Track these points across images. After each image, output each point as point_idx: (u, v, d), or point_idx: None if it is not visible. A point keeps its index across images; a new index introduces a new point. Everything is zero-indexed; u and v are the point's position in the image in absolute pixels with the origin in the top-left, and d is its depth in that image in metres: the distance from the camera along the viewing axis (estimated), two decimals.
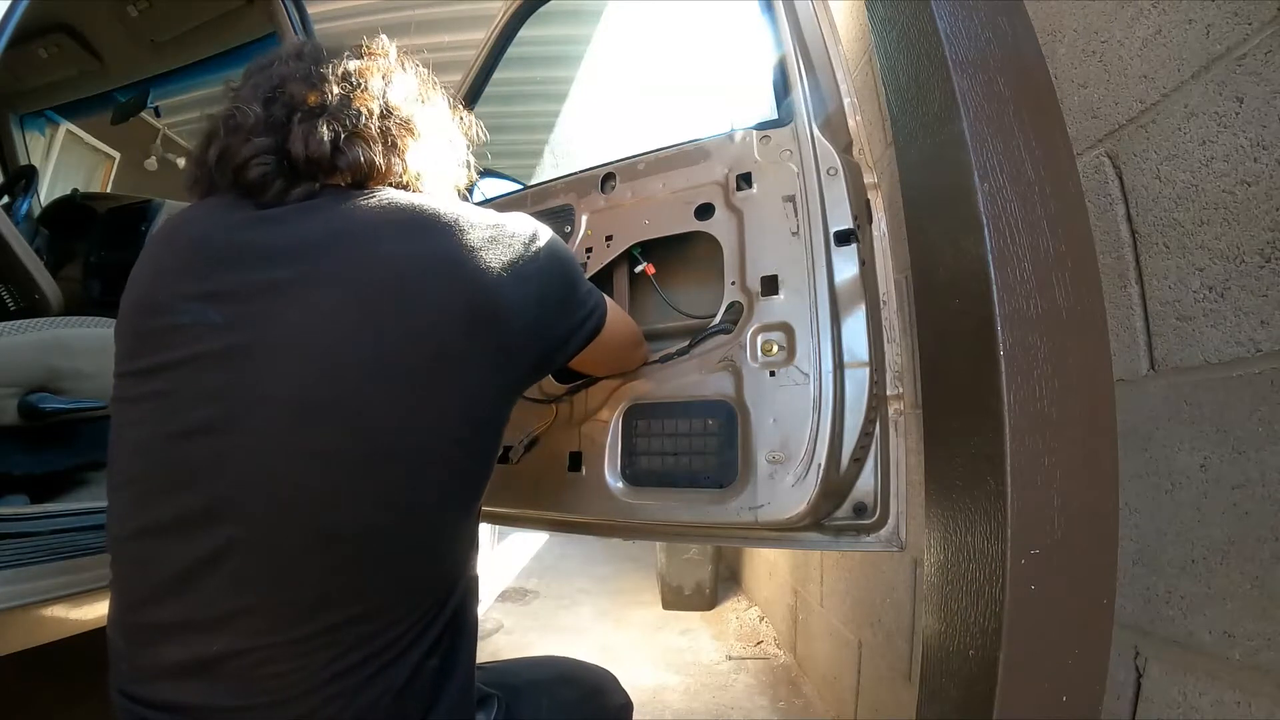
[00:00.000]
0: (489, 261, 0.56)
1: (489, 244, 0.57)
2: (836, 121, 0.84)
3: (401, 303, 0.52)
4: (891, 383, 0.80)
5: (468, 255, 0.55)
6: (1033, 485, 0.56)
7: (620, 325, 0.79)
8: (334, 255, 0.54)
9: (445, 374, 0.53)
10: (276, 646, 0.50)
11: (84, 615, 0.95)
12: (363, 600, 0.51)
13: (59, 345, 1.13)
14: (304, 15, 1.69)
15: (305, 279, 0.53)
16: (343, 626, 0.50)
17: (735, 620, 2.64)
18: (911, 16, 0.68)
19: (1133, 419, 0.71)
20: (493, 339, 0.56)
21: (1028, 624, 0.55)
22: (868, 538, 0.80)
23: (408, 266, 0.54)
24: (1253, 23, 0.58)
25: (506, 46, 1.24)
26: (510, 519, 1.10)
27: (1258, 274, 0.58)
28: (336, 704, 0.50)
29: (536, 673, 0.84)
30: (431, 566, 0.56)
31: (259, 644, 0.49)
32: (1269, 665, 0.56)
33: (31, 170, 1.96)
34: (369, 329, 0.51)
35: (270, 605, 0.50)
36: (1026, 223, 0.59)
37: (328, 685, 0.50)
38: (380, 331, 0.51)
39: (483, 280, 0.55)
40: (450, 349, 0.53)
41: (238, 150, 0.57)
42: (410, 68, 0.69)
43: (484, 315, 0.55)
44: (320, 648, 0.50)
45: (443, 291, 0.54)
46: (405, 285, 0.53)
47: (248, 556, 0.50)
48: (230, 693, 0.50)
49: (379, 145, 0.60)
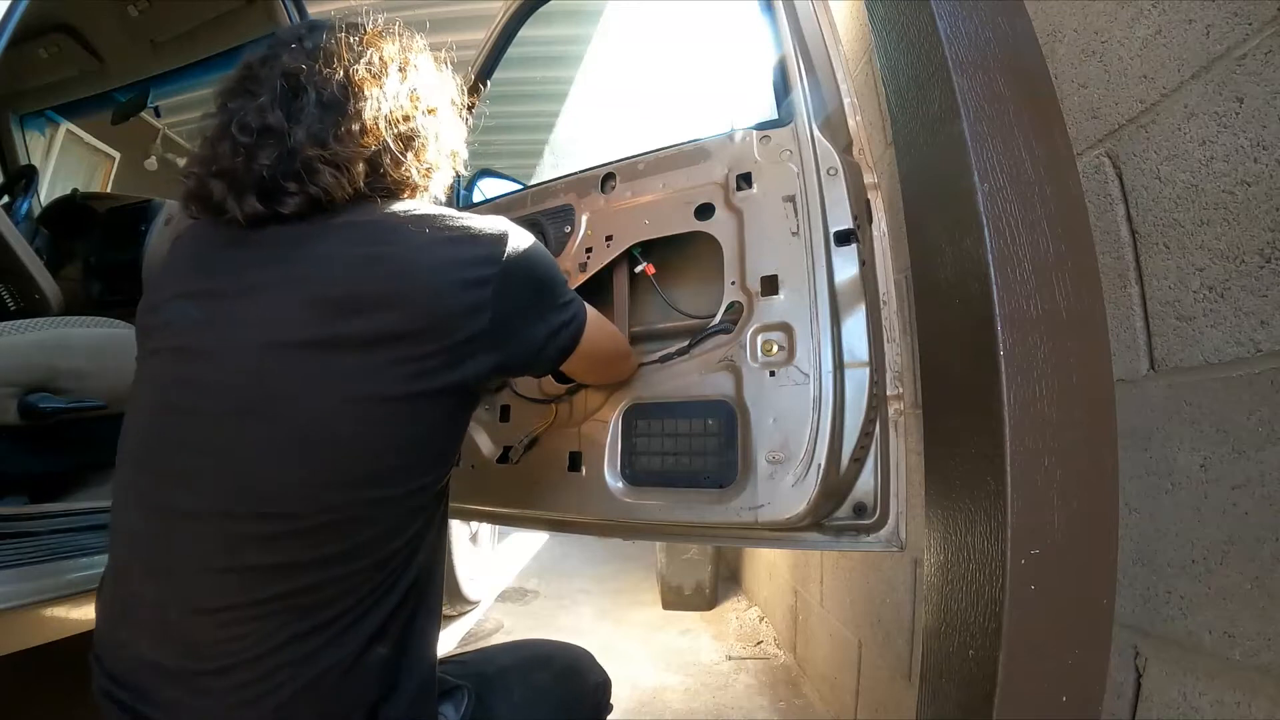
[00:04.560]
0: (439, 265, 0.58)
1: (445, 246, 0.59)
2: (836, 121, 0.84)
3: (345, 304, 0.56)
4: (891, 383, 0.80)
5: (417, 259, 0.58)
6: (1033, 485, 0.56)
7: (602, 336, 0.78)
8: (296, 259, 0.59)
9: (381, 370, 0.56)
10: (235, 609, 0.54)
11: (84, 615, 0.95)
12: (308, 574, 0.55)
13: (59, 345, 1.13)
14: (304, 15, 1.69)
15: (270, 281, 0.58)
16: (292, 595, 0.54)
17: (735, 620, 2.64)
18: (911, 16, 0.68)
19: (1133, 419, 0.71)
20: (432, 340, 0.57)
21: (1028, 624, 0.55)
22: (868, 538, 0.80)
23: (357, 270, 0.57)
24: (1253, 23, 0.58)
25: (506, 46, 1.24)
26: (510, 519, 1.10)
27: (1258, 274, 0.58)
28: (286, 672, 0.53)
29: (508, 658, 0.82)
30: (368, 550, 0.57)
31: (216, 606, 0.54)
32: (1269, 665, 0.56)
33: (31, 170, 1.96)
34: (312, 327, 0.56)
35: (227, 572, 0.54)
36: (1026, 223, 0.59)
37: (278, 652, 0.53)
38: (320, 330, 0.56)
39: (428, 284, 0.57)
40: (383, 347, 0.56)
41: (232, 198, 0.60)
42: (412, 63, 0.69)
43: (423, 318, 0.57)
44: (275, 613, 0.54)
45: (385, 294, 0.56)
46: (350, 287, 0.57)
47: (205, 529, 0.55)
48: (190, 655, 0.54)
49: (364, 165, 0.62)
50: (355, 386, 0.55)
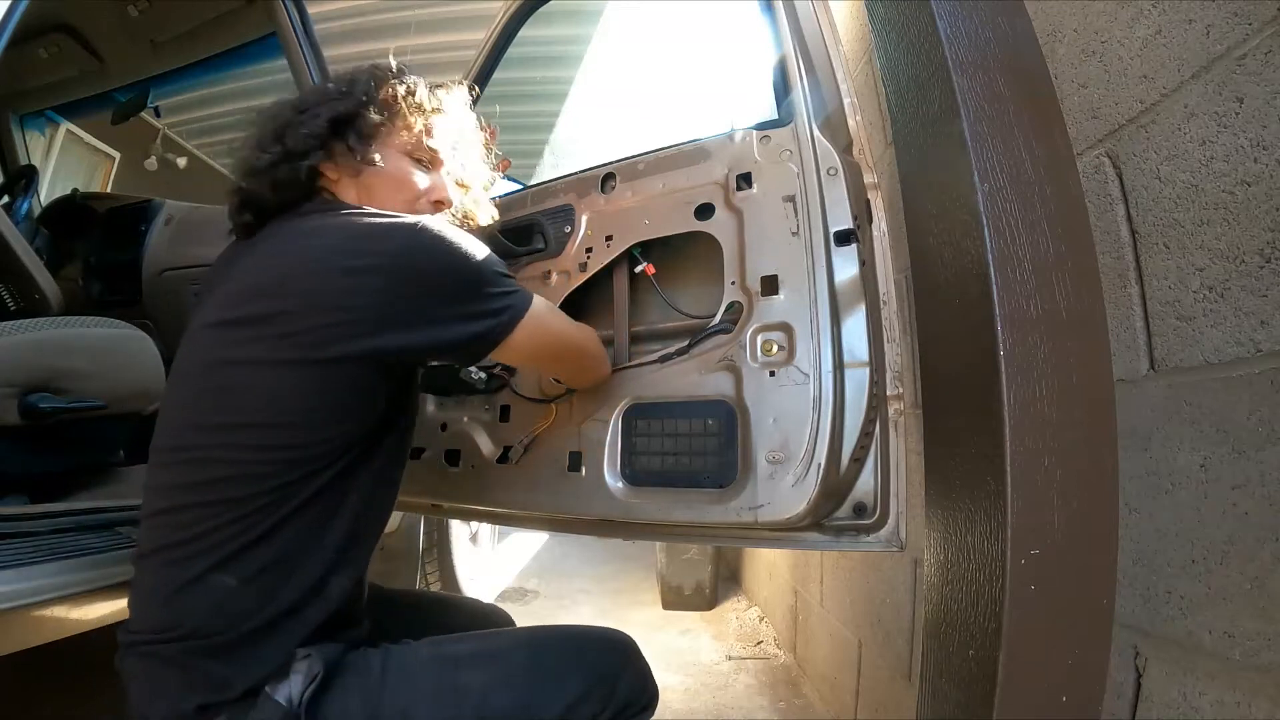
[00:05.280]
0: (322, 255, 0.68)
1: (335, 239, 0.69)
2: (836, 121, 0.84)
3: (247, 292, 0.69)
4: (891, 383, 0.80)
5: (304, 252, 0.69)
6: (1033, 485, 0.56)
7: (549, 333, 0.80)
8: (242, 262, 0.74)
9: (267, 341, 0.66)
10: (151, 516, 0.69)
11: (84, 615, 0.95)
12: (179, 495, 0.67)
13: (59, 345, 1.13)
14: (304, 15, 1.69)
15: (222, 280, 0.74)
16: (168, 512, 0.67)
17: (735, 620, 2.64)
18: (911, 16, 0.68)
19: (1133, 419, 0.71)
20: (314, 318, 0.65)
21: (1028, 624, 0.55)
22: (868, 538, 0.80)
23: (263, 264, 0.71)
24: (1253, 23, 0.58)
25: (506, 46, 1.24)
26: (510, 519, 1.11)
27: (1258, 274, 0.58)
28: (162, 575, 0.66)
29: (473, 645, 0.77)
30: (233, 503, 0.65)
31: (147, 512, 0.70)
32: (1269, 665, 0.56)
33: (31, 170, 1.96)
34: (222, 311, 0.69)
35: (156, 489, 0.70)
36: (1026, 223, 0.59)
37: (157, 554, 0.67)
38: (225, 313, 0.69)
39: (309, 271, 0.67)
40: (270, 324, 0.66)
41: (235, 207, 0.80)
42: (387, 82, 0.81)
43: (301, 300, 0.66)
44: (159, 526, 0.68)
45: (275, 281, 0.68)
46: (255, 278, 0.70)
47: (156, 460, 0.71)
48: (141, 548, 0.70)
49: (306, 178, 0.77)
50: (244, 352, 0.66)
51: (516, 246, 1.08)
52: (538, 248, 1.07)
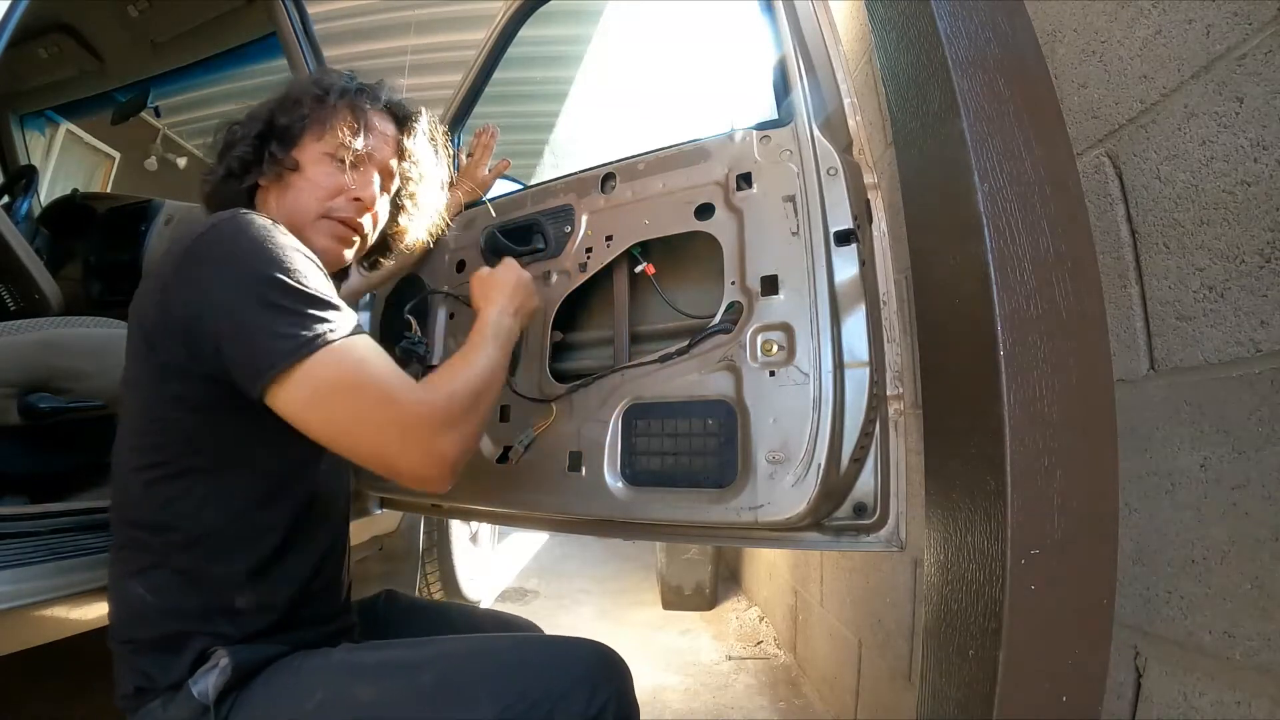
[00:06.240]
0: (154, 269, 0.71)
1: (169, 251, 0.70)
2: (836, 121, 0.84)
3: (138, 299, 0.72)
4: (891, 383, 0.80)
5: (168, 261, 0.69)
6: (1033, 485, 0.56)
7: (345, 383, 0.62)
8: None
9: (130, 356, 0.72)
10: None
11: (84, 615, 0.95)
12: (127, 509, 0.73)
13: (59, 345, 1.13)
14: (304, 15, 1.69)
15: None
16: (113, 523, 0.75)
17: (735, 620, 2.64)
18: (911, 16, 0.68)
19: (1133, 419, 0.71)
20: (136, 333, 0.70)
21: (1028, 624, 0.55)
22: (868, 538, 0.80)
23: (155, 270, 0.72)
24: (1253, 23, 0.58)
25: (506, 47, 1.24)
26: (510, 519, 1.10)
27: (1258, 274, 0.58)
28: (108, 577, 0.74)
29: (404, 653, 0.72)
30: (138, 507, 0.71)
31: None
32: (1269, 665, 0.56)
33: (31, 170, 1.96)
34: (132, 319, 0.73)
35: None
36: (1026, 223, 0.59)
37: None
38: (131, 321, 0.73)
39: (145, 287, 0.71)
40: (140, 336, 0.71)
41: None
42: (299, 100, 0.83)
43: (135, 314, 0.71)
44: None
45: (145, 292, 0.71)
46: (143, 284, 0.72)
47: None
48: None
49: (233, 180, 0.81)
50: (123, 375, 0.73)
51: (516, 246, 1.09)
52: (538, 248, 1.07)
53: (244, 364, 0.62)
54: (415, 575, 2.26)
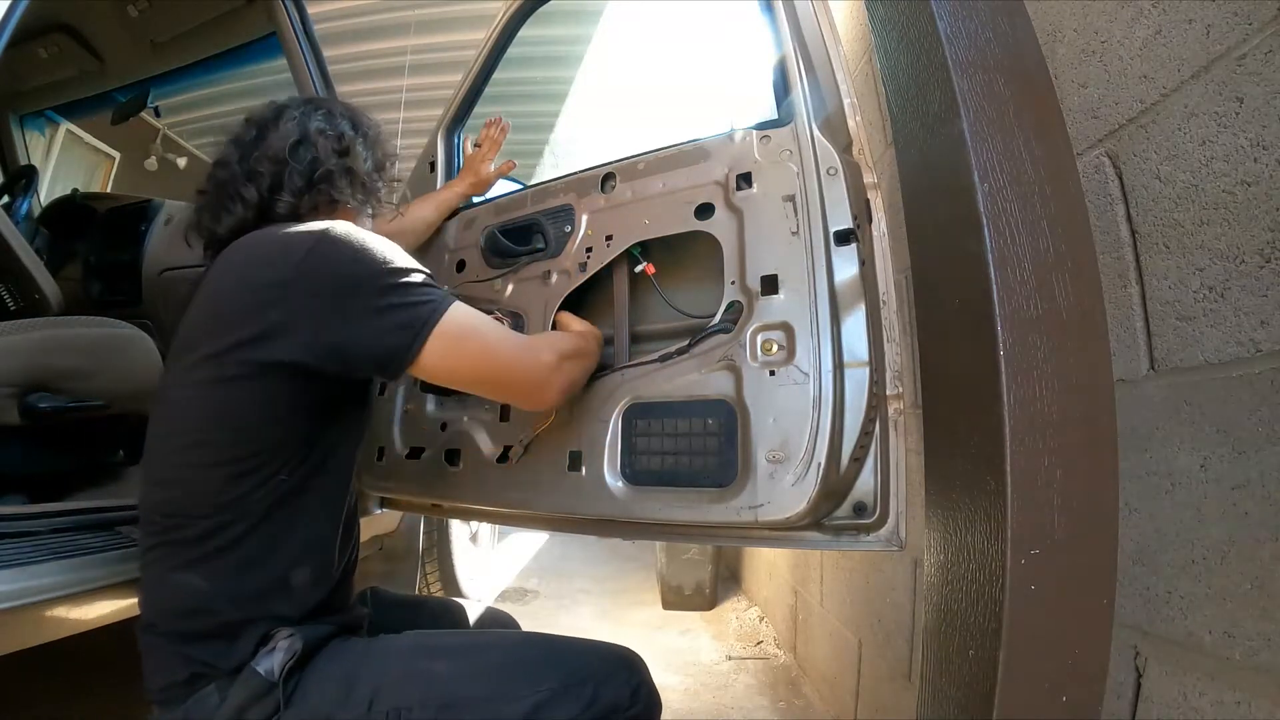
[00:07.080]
0: (234, 276, 0.74)
1: (246, 257, 0.75)
2: (836, 121, 0.84)
3: (194, 319, 0.76)
4: (891, 383, 0.80)
5: (223, 277, 0.75)
6: (1033, 485, 0.56)
7: (466, 348, 0.76)
8: (198, 294, 0.79)
9: (199, 364, 0.72)
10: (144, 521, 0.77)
11: (84, 615, 0.95)
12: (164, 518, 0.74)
13: (59, 345, 1.13)
14: (304, 15, 1.69)
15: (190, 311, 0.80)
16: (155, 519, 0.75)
17: (735, 620, 2.64)
18: (911, 17, 0.68)
19: (1133, 419, 0.71)
20: (226, 337, 0.70)
21: (1028, 624, 0.55)
22: (868, 537, 0.80)
23: (206, 296, 0.76)
24: (1253, 23, 0.58)
25: (506, 47, 1.24)
26: (510, 519, 1.10)
27: (1258, 274, 0.58)
28: (149, 572, 0.75)
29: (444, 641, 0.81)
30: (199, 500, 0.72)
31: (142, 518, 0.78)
32: (1269, 665, 0.56)
33: (31, 170, 1.96)
34: (180, 344, 0.76)
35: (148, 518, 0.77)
36: (1026, 223, 0.59)
37: (149, 552, 0.75)
38: (181, 341, 0.76)
39: (221, 293, 0.74)
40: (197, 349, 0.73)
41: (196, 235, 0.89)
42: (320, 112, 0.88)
43: (216, 321, 0.73)
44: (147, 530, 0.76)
45: (205, 307, 0.75)
46: (198, 313, 0.76)
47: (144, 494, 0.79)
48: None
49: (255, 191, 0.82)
50: (190, 376, 0.73)
51: (516, 246, 1.09)
52: (538, 248, 1.07)
53: (386, 346, 0.72)
54: (415, 575, 2.26)
